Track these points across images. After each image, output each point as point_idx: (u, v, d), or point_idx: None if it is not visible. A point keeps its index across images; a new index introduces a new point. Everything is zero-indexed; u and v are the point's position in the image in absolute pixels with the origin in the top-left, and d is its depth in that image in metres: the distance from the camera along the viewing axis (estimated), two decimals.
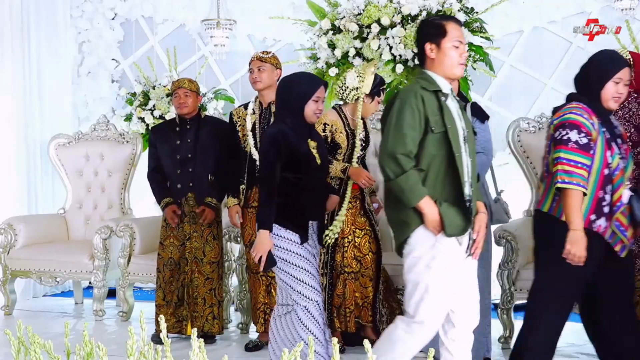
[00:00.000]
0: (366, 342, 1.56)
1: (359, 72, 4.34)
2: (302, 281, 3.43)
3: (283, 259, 3.43)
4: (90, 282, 5.58)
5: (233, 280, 5.14)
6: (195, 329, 1.69)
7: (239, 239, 4.90)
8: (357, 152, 4.37)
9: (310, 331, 3.41)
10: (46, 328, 4.96)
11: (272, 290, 4.43)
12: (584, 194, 3.07)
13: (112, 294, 5.74)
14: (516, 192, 4.91)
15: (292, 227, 3.43)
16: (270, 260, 3.40)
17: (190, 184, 4.68)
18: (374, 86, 4.32)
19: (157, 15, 6.76)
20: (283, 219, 3.42)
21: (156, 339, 4.46)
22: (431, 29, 3.07)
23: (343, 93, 4.34)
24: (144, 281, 5.29)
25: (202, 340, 1.65)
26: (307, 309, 3.42)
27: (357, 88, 4.30)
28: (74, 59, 6.77)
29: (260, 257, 3.36)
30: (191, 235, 4.66)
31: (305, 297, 3.42)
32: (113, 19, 6.85)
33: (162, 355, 1.64)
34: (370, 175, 4.32)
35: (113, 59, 6.89)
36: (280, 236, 3.42)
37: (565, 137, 3.10)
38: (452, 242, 3.01)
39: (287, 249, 3.44)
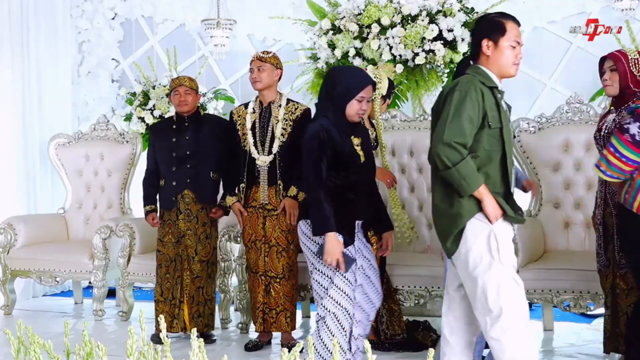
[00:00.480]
0: (366, 342, 1.56)
1: (375, 74, 4.43)
2: (337, 285, 3.31)
3: (320, 259, 3.31)
4: (90, 282, 5.58)
5: (233, 280, 5.14)
6: (194, 329, 1.69)
7: (238, 239, 4.90)
8: (384, 151, 4.42)
9: (335, 339, 3.31)
10: (46, 328, 4.96)
11: (271, 290, 4.43)
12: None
13: (111, 293, 5.73)
14: (516, 193, 4.91)
15: (339, 228, 3.29)
16: (348, 259, 3.26)
17: (188, 181, 4.68)
18: (388, 88, 4.43)
19: (157, 15, 6.77)
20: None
21: (156, 339, 4.46)
22: (491, 25, 3.04)
23: None
24: (143, 281, 5.29)
25: (202, 340, 1.65)
26: (335, 316, 3.30)
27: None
28: (74, 59, 6.78)
29: (337, 261, 3.24)
30: (185, 233, 4.67)
31: (336, 302, 3.31)
32: (113, 18, 6.86)
33: (161, 355, 1.64)
34: (394, 176, 4.43)
35: (113, 59, 6.90)
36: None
37: (625, 126, 3.11)
38: (506, 228, 2.98)
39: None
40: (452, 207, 2.97)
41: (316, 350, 3.37)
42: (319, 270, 3.35)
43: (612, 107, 3.80)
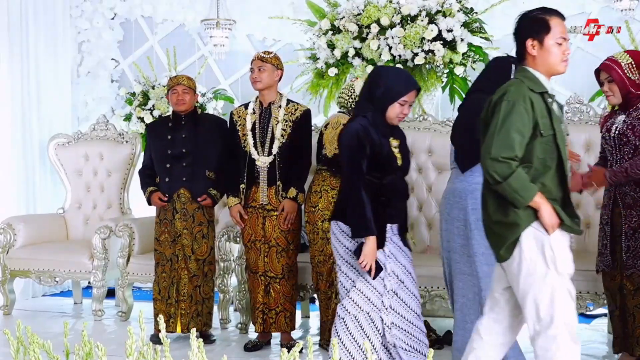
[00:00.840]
0: (366, 342, 1.56)
1: (350, 85, 4.43)
2: (359, 289, 3.26)
3: (345, 260, 3.27)
4: (89, 282, 5.58)
5: (232, 280, 5.14)
6: (194, 329, 1.69)
7: (238, 239, 4.90)
8: None
9: (356, 342, 3.25)
10: (45, 328, 4.95)
11: (271, 291, 4.43)
12: None
13: (111, 293, 5.73)
14: None
15: None
16: (378, 267, 3.22)
17: (184, 179, 4.67)
18: None
19: (156, 15, 6.76)
20: None
21: (155, 339, 4.46)
22: (534, 24, 2.91)
23: (352, 102, 4.34)
24: (143, 281, 5.29)
25: (201, 340, 1.65)
26: (356, 319, 3.25)
27: (355, 95, 4.35)
28: (74, 59, 6.78)
29: (371, 265, 3.18)
30: (182, 232, 4.66)
31: (357, 305, 3.26)
32: (112, 18, 6.86)
33: (161, 355, 1.64)
34: None
35: (112, 59, 6.90)
36: (349, 235, 3.25)
37: None
38: (563, 237, 2.88)
39: (351, 250, 3.29)
40: (507, 216, 2.87)
41: (347, 350, 3.31)
42: (342, 272, 3.31)
43: (617, 109, 3.81)
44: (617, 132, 3.71)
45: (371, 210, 3.20)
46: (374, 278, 3.27)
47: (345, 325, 3.28)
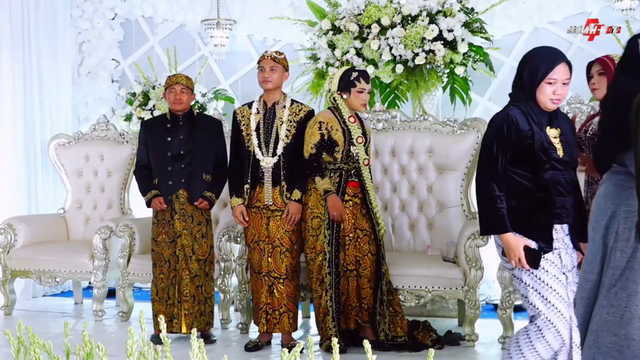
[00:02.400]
0: (366, 343, 1.56)
1: (330, 75, 4.50)
2: (543, 297, 2.93)
3: (518, 269, 2.96)
4: (90, 282, 5.58)
5: (233, 281, 5.14)
6: (195, 329, 1.69)
7: (238, 239, 4.90)
8: (362, 154, 4.37)
9: (545, 340, 2.93)
10: (46, 328, 4.95)
11: (275, 291, 4.42)
12: None
13: (111, 294, 5.74)
14: None
15: (532, 234, 2.92)
16: (534, 254, 2.90)
17: (183, 180, 4.67)
18: (342, 81, 4.35)
19: (157, 15, 6.77)
20: (520, 224, 2.91)
21: (155, 339, 4.46)
22: None
23: (328, 99, 4.47)
24: (143, 281, 5.28)
25: (201, 340, 1.65)
26: (548, 319, 2.93)
27: (329, 90, 4.42)
28: (74, 59, 6.78)
29: (520, 259, 2.90)
30: (181, 233, 4.66)
31: (549, 302, 2.92)
32: (113, 19, 6.86)
33: (161, 355, 1.64)
34: (344, 213, 4.28)
35: (113, 59, 6.90)
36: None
37: None
38: None
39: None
40: None
41: (521, 351, 2.99)
42: (518, 278, 3.03)
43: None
44: (591, 132, 3.81)
45: (504, 205, 2.93)
46: (535, 267, 2.94)
47: (539, 331, 2.97)
